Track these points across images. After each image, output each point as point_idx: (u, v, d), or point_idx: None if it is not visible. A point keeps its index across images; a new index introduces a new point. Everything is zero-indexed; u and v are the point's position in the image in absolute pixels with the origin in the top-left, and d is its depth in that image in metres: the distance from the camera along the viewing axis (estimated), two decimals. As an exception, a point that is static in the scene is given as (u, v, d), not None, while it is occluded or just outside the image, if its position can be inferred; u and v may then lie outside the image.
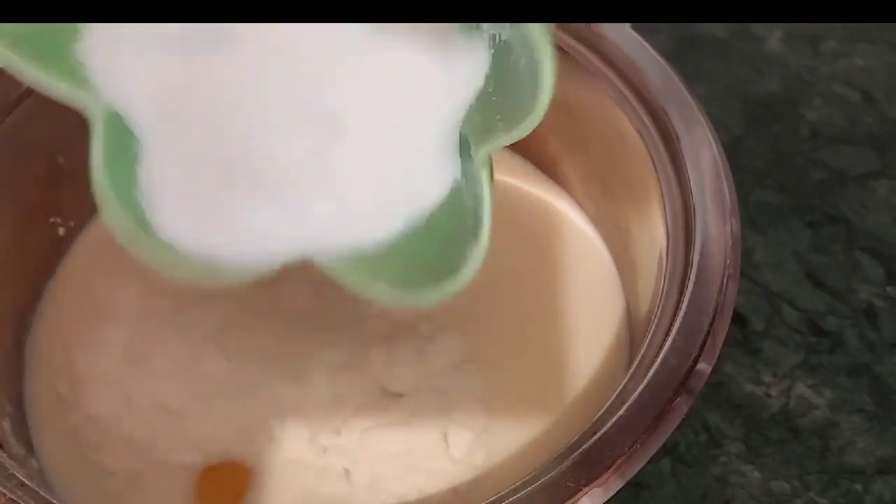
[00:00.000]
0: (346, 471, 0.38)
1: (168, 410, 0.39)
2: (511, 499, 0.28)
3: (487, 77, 0.30)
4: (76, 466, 0.39)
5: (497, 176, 0.48)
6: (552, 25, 0.29)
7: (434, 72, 0.30)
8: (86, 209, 0.46)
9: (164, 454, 0.38)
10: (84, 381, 0.40)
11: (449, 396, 0.40)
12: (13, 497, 0.29)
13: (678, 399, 0.30)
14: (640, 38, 0.40)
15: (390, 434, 0.39)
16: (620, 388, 0.31)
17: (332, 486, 0.38)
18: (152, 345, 0.41)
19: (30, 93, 0.39)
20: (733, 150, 0.55)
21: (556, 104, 0.45)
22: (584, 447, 0.29)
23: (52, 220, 0.44)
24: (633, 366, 0.32)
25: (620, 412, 0.29)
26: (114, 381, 0.40)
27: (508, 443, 0.39)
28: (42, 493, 0.29)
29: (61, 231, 0.45)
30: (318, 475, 0.38)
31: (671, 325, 0.32)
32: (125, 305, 0.43)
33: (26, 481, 0.30)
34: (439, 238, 0.29)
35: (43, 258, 0.44)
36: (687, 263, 0.33)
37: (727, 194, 0.35)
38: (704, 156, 0.36)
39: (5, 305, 0.41)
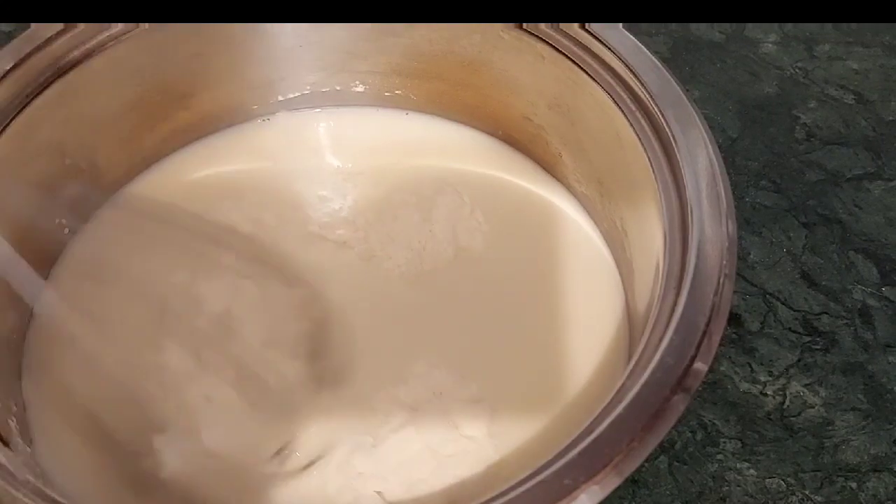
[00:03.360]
0: (379, 493, 0.38)
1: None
2: (509, 496, 0.28)
3: None
4: None
5: (498, 174, 0.49)
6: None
7: None
8: (87, 209, 0.46)
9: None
10: None
11: (448, 397, 0.40)
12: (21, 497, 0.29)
13: (675, 398, 0.30)
14: (637, 42, 0.40)
15: (402, 438, 0.39)
16: (618, 386, 0.31)
17: None
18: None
19: (36, 95, 0.39)
20: (729, 152, 0.56)
21: (555, 106, 0.45)
22: (581, 445, 0.29)
23: (58, 220, 0.44)
24: (631, 364, 0.32)
25: (618, 410, 0.30)
26: None
27: (506, 440, 0.39)
28: (48, 492, 0.30)
29: (67, 231, 0.45)
30: None
31: (668, 324, 0.32)
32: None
33: (32, 479, 0.30)
34: None
35: (47, 258, 0.44)
36: (683, 264, 0.33)
37: (723, 195, 0.35)
38: (700, 157, 0.36)
39: (10, 305, 0.41)
